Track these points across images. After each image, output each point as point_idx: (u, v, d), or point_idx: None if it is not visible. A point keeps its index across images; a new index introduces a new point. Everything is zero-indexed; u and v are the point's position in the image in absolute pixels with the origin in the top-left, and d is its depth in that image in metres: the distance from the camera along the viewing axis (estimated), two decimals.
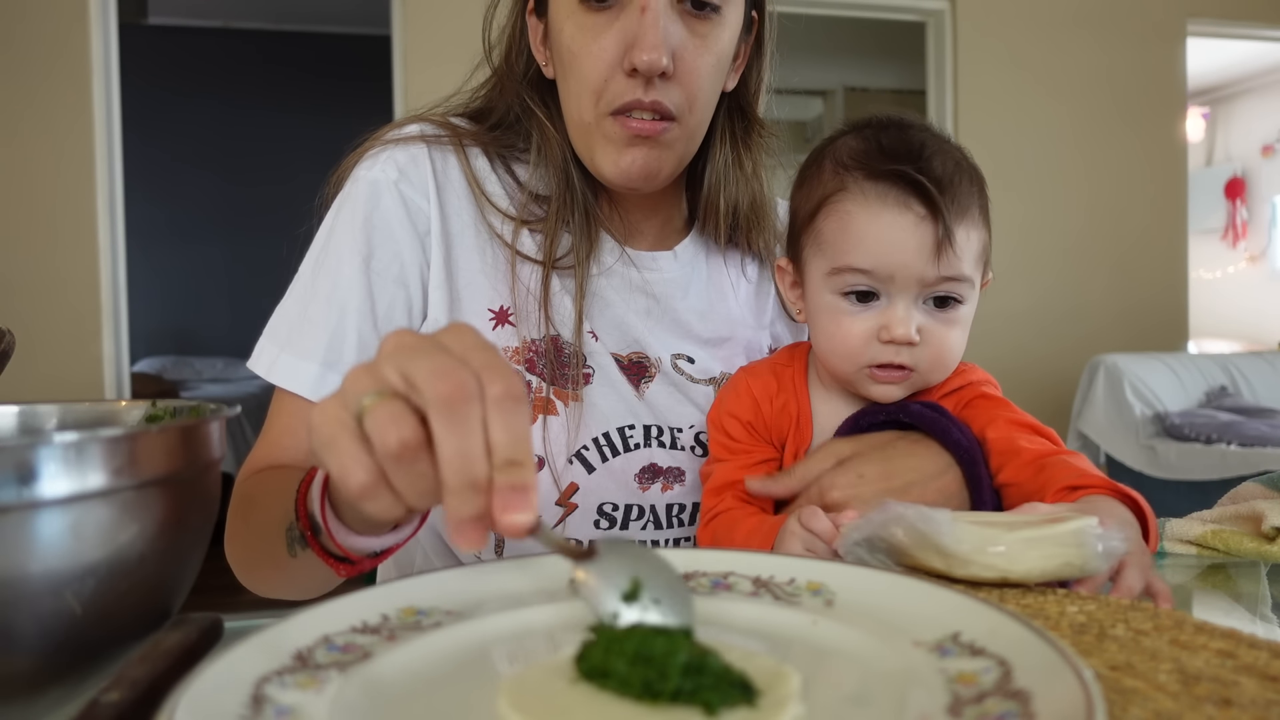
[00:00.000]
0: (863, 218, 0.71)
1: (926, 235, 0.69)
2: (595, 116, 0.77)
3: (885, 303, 0.72)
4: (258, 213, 5.64)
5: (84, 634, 0.40)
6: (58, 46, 3.05)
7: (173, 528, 0.43)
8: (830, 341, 0.75)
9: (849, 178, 0.72)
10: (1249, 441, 3.06)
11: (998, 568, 0.50)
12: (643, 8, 0.73)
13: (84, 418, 0.55)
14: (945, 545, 0.51)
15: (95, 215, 3.08)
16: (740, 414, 0.80)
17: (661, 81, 0.75)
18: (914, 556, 0.53)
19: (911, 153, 0.71)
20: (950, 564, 0.51)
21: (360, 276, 0.78)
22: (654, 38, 0.73)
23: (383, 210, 0.80)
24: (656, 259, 0.89)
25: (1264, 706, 0.33)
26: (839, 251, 0.72)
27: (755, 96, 0.89)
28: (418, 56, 3.33)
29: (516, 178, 0.86)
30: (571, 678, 0.36)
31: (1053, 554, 0.50)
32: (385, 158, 0.81)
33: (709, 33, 0.77)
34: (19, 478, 0.36)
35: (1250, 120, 6.28)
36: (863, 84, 5.98)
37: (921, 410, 0.73)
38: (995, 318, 3.95)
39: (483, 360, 0.40)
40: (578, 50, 0.76)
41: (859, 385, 0.76)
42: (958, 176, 0.71)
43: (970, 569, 0.51)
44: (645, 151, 0.78)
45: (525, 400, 0.40)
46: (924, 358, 0.73)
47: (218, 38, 5.81)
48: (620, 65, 0.75)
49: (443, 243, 0.81)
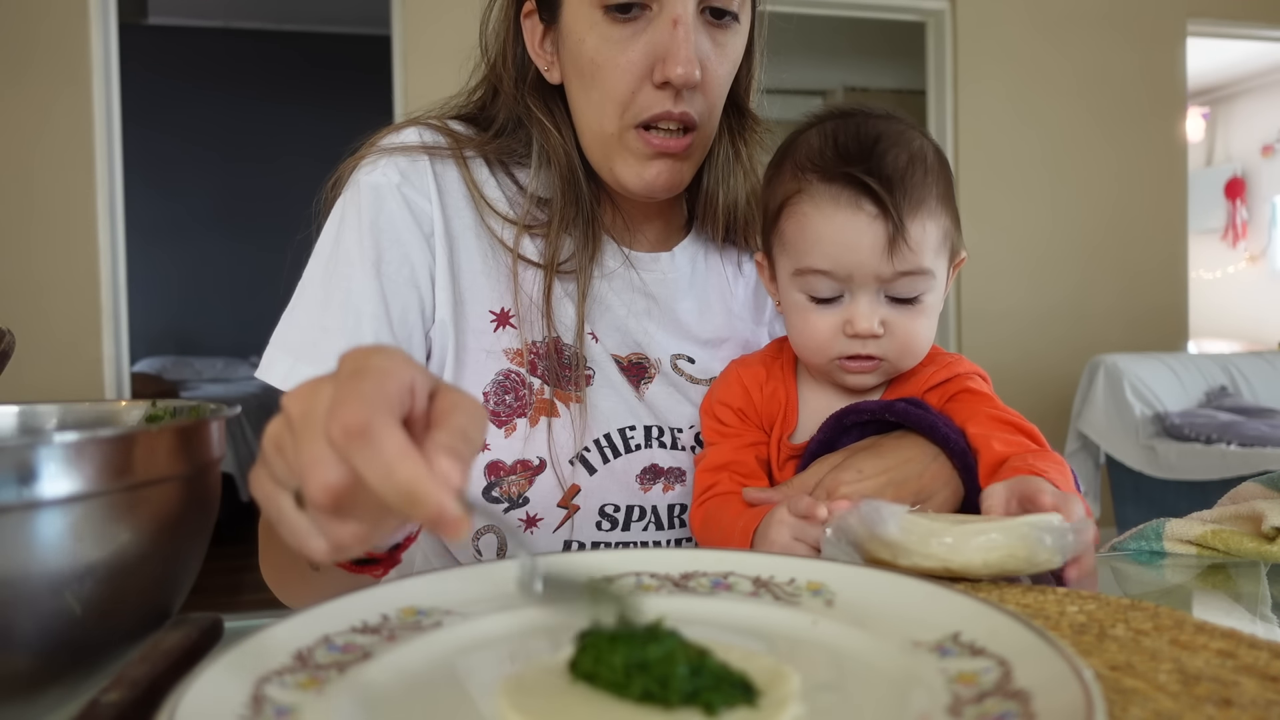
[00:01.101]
0: (818, 219, 0.73)
1: (879, 234, 0.71)
2: (619, 128, 0.78)
3: (848, 299, 0.74)
4: (258, 213, 5.64)
5: (84, 634, 0.40)
6: (58, 46, 3.05)
7: (173, 528, 0.43)
8: (801, 337, 0.78)
9: (805, 180, 0.74)
10: (1249, 441, 3.06)
11: (938, 557, 0.51)
12: (674, 20, 0.74)
13: (84, 418, 0.55)
14: (890, 536, 0.52)
15: (95, 215, 3.08)
16: (731, 402, 0.81)
17: (688, 93, 0.76)
18: (866, 548, 0.54)
19: (864, 151, 0.72)
20: (895, 554, 0.52)
21: (373, 282, 0.78)
22: (688, 51, 0.73)
23: (388, 213, 0.80)
24: (656, 260, 0.89)
25: (1264, 706, 0.33)
26: (800, 253, 0.75)
27: (747, 92, 0.90)
28: (418, 56, 3.33)
29: (517, 182, 0.86)
30: (571, 678, 0.36)
31: (997, 546, 0.50)
32: (386, 163, 0.81)
33: (728, 41, 0.78)
34: (19, 478, 0.36)
35: (1250, 120, 6.28)
36: (863, 84, 5.98)
37: (906, 408, 0.75)
38: (995, 318, 3.95)
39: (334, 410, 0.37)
40: (603, 61, 0.76)
41: (833, 375, 0.78)
42: (910, 170, 0.72)
43: (913, 559, 0.51)
44: (670, 164, 0.79)
45: (373, 427, 0.36)
46: (890, 348, 0.75)
47: (218, 38, 5.81)
48: (649, 78, 0.75)
49: (446, 244, 0.81)
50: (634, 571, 0.49)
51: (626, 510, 0.82)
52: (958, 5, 3.92)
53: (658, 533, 0.84)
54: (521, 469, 0.79)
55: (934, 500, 0.71)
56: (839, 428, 0.76)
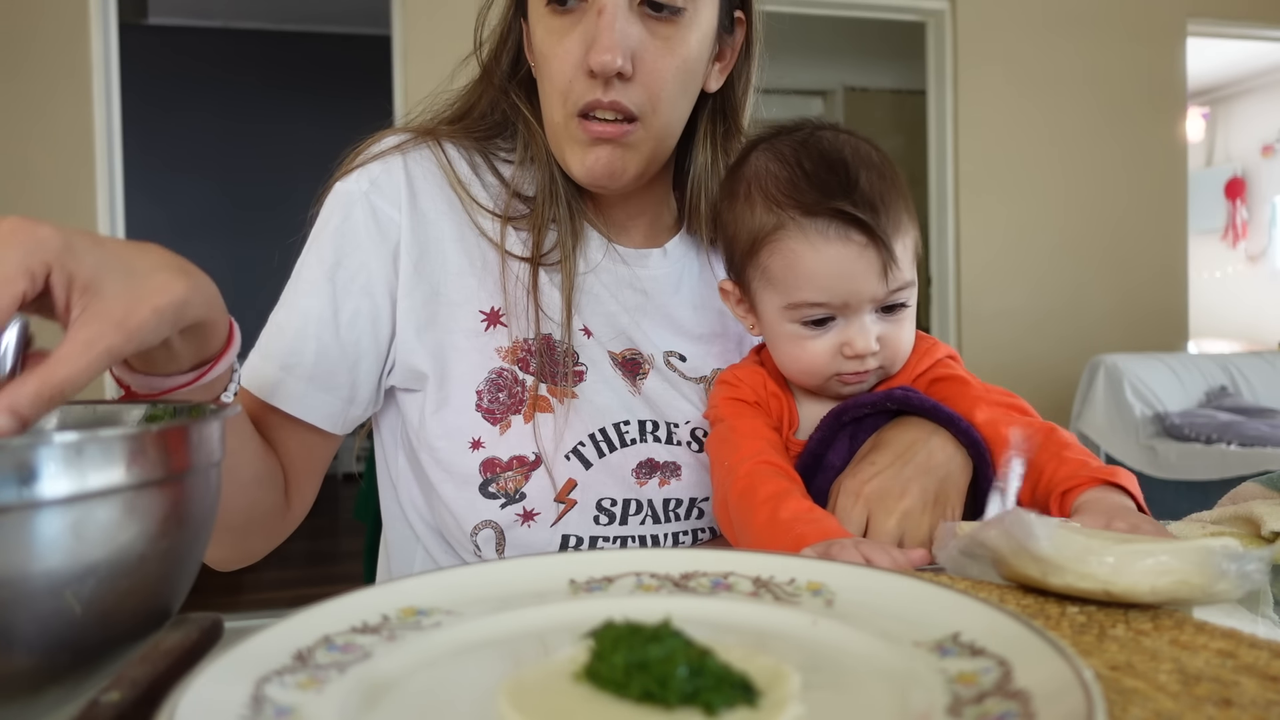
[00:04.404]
0: (809, 255, 0.74)
1: (871, 261, 0.73)
2: (564, 117, 0.79)
3: (843, 322, 0.76)
4: (258, 212, 5.64)
5: (84, 634, 0.40)
6: (58, 46, 3.05)
7: (173, 528, 0.43)
8: (796, 364, 0.79)
9: (785, 215, 0.74)
10: (1249, 441, 3.06)
11: (1099, 578, 0.45)
12: (599, 10, 0.75)
13: (84, 418, 0.55)
14: (1041, 551, 0.47)
15: (95, 215, 3.08)
16: (746, 396, 0.82)
17: (621, 82, 0.76)
18: (1010, 564, 0.49)
19: (840, 179, 0.73)
20: (1046, 571, 0.47)
21: (325, 285, 0.80)
22: (608, 39, 0.74)
23: (352, 221, 0.82)
24: (647, 256, 0.90)
25: (1264, 706, 0.33)
26: (791, 288, 0.75)
27: (742, 98, 0.90)
28: (418, 56, 3.33)
29: (501, 176, 0.87)
30: (572, 678, 0.36)
31: (1169, 570, 0.45)
32: (359, 172, 0.83)
33: (672, 34, 0.78)
34: (19, 478, 0.36)
35: (1250, 120, 6.28)
36: (863, 84, 5.98)
37: (905, 394, 0.77)
38: (995, 318, 3.95)
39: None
40: (546, 52, 0.78)
41: (827, 390, 0.80)
42: (884, 189, 0.74)
43: (1066, 578, 0.46)
44: (609, 152, 0.79)
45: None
46: (885, 358, 0.78)
47: (218, 38, 5.81)
48: (582, 67, 0.76)
49: (415, 251, 0.82)
50: (634, 571, 0.49)
51: (623, 504, 0.83)
52: (958, 5, 3.93)
53: (655, 526, 0.84)
54: (518, 465, 0.79)
55: (950, 477, 0.72)
56: (837, 424, 0.77)
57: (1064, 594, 0.47)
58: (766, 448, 0.75)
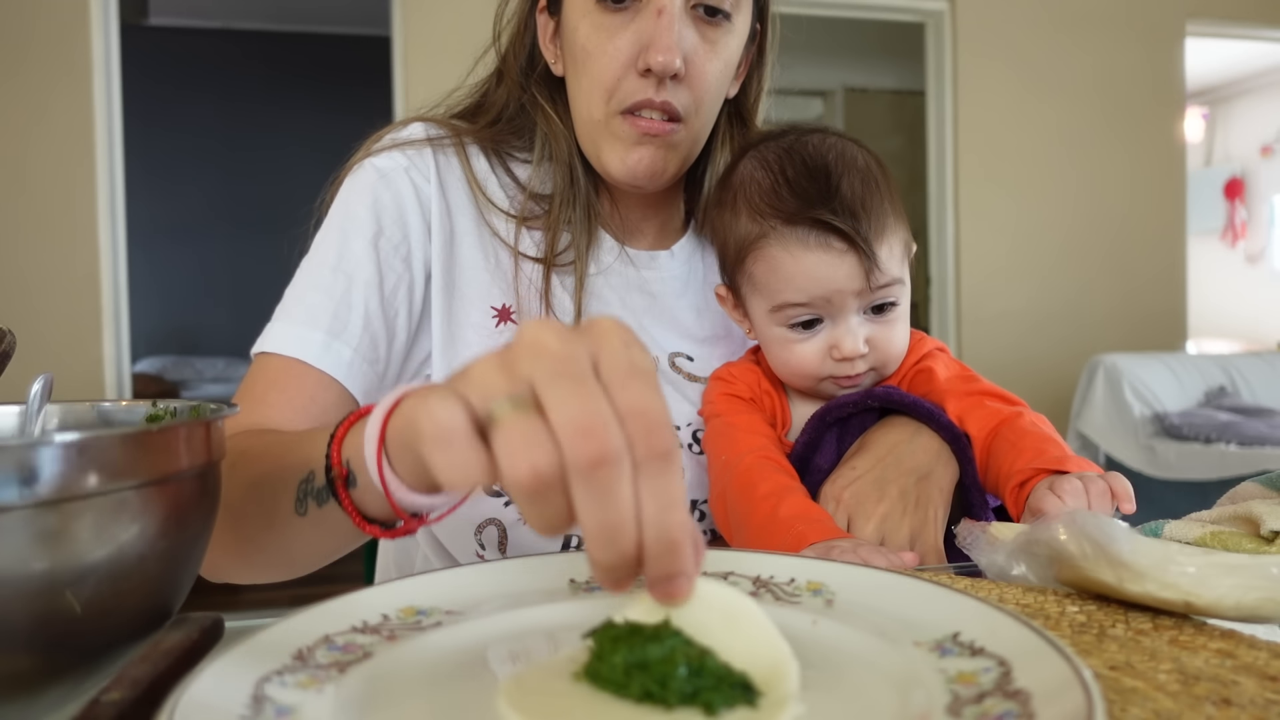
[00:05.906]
0: (788, 262, 0.75)
1: (853, 265, 0.73)
2: (605, 114, 0.79)
3: (830, 324, 0.76)
4: (259, 212, 5.63)
5: (84, 634, 0.40)
6: (58, 46, 3.05)
7: (173, 528, 0.43)
8: (787, 367, 0.79)
9: (767, 224, 0.75)
10: (1248, 441, 3.06)
11: (1181, 589, 0.43)
12: (659, 10, 0.75)
13: (84, 418, 0.55)
14: (1122, 556, 0.45)
15: (96, 215, 3.08)
16: (741, 393, 0.82)
17: (672, 83, 0.77)
18: (1079, 568, 0.47)
19: (820, 187, 0.74)
20: (1122, 578, 0.45)
21: (370, 250, 0.79)
22: (669, 40, 0.75)
23: (394, 192, 0.81)
24: (655, 258, 0.90)
25: (1263, 706, 0.33)
26: (774, 292, 0.76)
27: (755, 105, 0.91)
28: (418, 56, 3.32)
29: (515, 177, 0.87)
30: (571, 678, 0.36)
31: (1254, 588, 0.43)
32: (394, 152, 0.83)
33: (719, 39, 0.79)
34: (19, 478, 0.36)
35: (1249, 120, 6.28)
36: (863, 84, 5.97)
37: (887, 392, 0.77)
38: (995, 318, 3.95)
39: (632, 400, 0.34)
40: (592, 49, 0.78)
41: (822, 392, 0.80)
42: (866, 194, 0.74)
43: (1146, 586, 0.44)
44: (652, 150, 0.79)
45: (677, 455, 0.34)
46: (876, 360, 0.78)
47: (218, 38, 5.80)
48: (634, 65, 0.76)
49: (444, 236, 0.82)
50: None
51: None
52: (958, 5, 3.92)
53: None
54: None
55: (933, 476, 0.73)
56: (822, 425, 0.78)
57: (1138, 602, 0.45)
58: (765, 443, 0.76)
